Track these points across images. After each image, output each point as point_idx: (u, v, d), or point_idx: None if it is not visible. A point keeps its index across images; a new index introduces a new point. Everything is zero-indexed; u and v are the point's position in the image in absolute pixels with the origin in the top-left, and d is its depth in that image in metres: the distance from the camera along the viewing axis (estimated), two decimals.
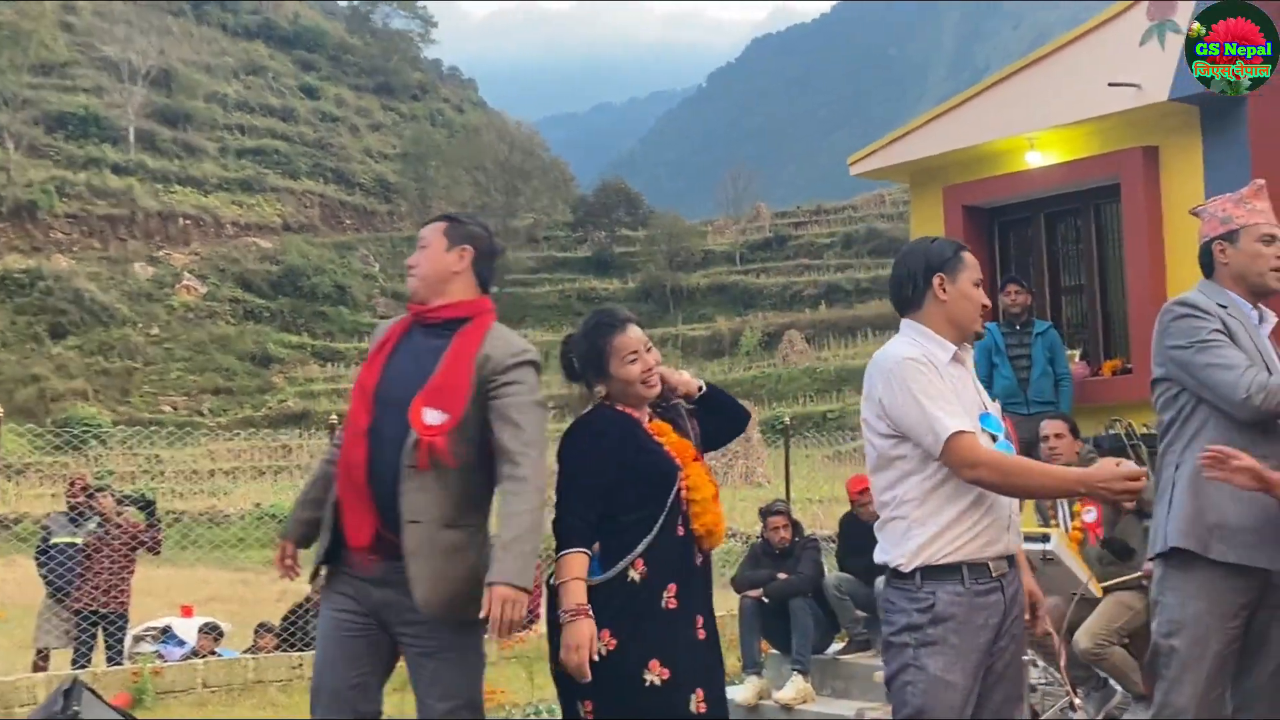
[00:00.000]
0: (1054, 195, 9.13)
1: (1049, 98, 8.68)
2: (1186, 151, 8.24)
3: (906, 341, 3.39)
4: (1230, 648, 3.54)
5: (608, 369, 3.53)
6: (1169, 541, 3.59)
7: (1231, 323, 3.60)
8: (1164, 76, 8.02)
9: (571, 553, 3.35)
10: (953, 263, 3.40)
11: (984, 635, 3.26)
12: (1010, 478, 3.23)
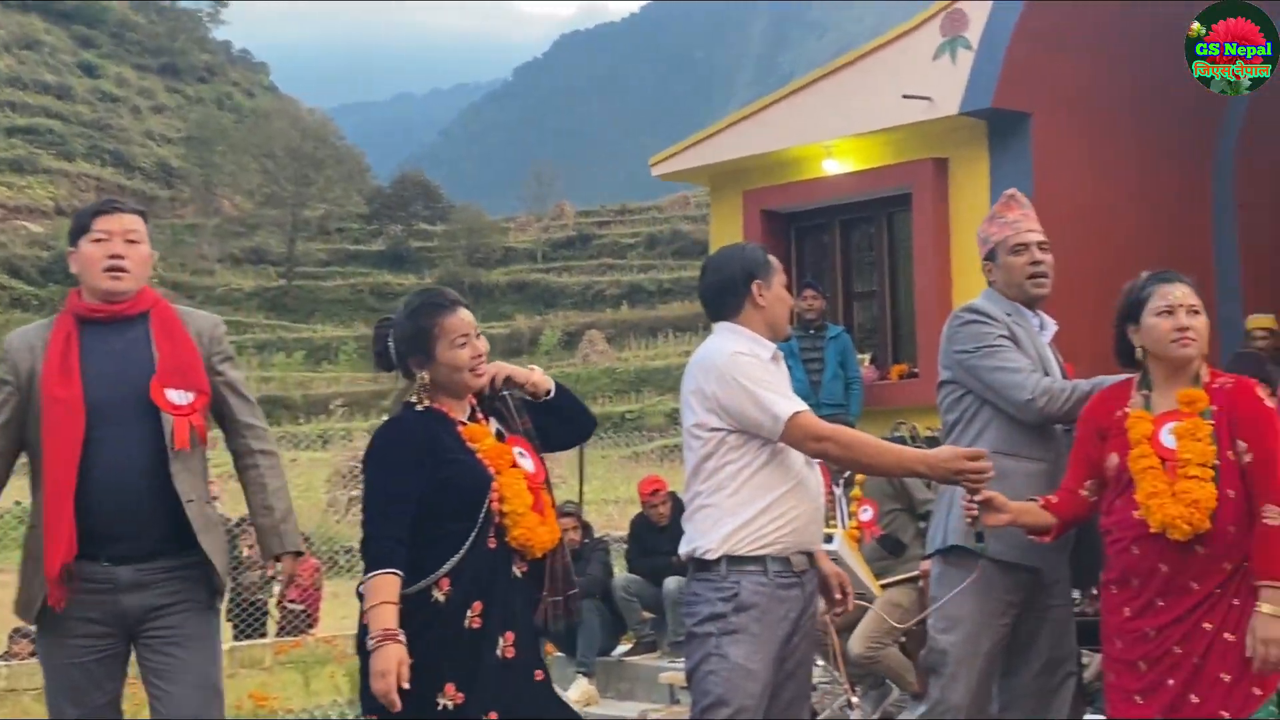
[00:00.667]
0: (850, 203, 9.49)
1: (846, 107, 9.02)
2: (974, 164, 8.68)
3: (732, 339, 3.53)
4: (999, 646, 3.74)
5: (433, 353, 3.33)
6: (949, 539, 3.78)
7: (1017, 330, 3.81)
8: (955, 91, 8.43)
9: (381, 574, 3.19)
10: (767, 268, 3.57)
11: (783, 628, 3.39)
12: (853, 450, 3.41)
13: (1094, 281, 8.45)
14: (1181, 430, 3.33)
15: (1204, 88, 9.86)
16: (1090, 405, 3.57)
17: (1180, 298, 3.42)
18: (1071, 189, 8.58)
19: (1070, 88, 8.61)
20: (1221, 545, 3.27)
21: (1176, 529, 3.24)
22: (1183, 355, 3.39)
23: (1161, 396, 3.44)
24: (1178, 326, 3.38)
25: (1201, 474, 3.27)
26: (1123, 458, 3.38)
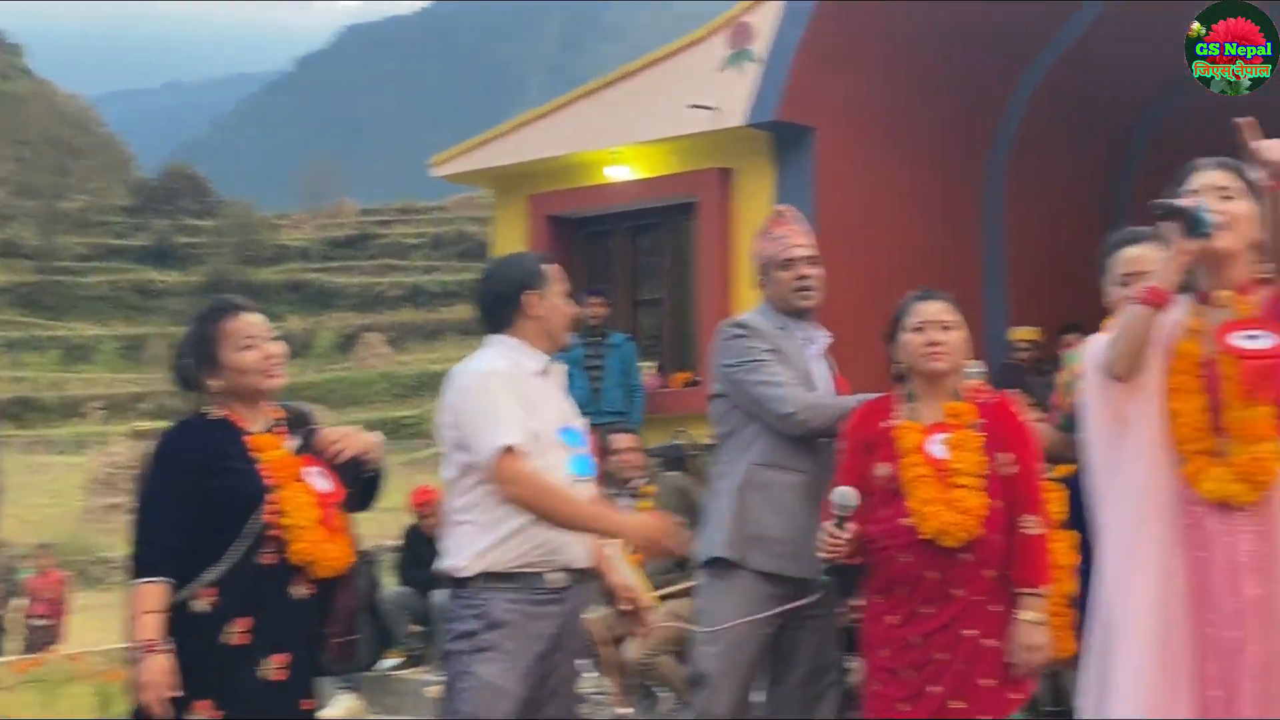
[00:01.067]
0: (637, 210, 9.59)
1: (633, 114, 9.12)
2: (759, 175, 8.89)
3: (494, 354, 3.52)
4: (761, 654, 3.85)
5: (219, 358, 3.32)
6: (711, 551, 3.88)
7: (783, 344, 3.92)
8: (741, 102, 8.62)
9: (148, 583, 3.16)
10: (541, 278, 3.57)
11: (539, 646, 3.38)
12: (542, 501, 3.34)
13: (873, 293, 8.76)
14: (954, 441, 3.48)
15: (979, 106, 10.45)
16: (854, 419, 3.68)
17: (933, 314, 3.57)
18: (852, 202, 8.88)
19: (853, 103, 8.90)
20: (986, 553, 3.42)
21: (949, 536, 3.37)
22: (933, 369, 3.54)
23: (926, 409, 3.57)
24: (929, 341, 3.53)
25: (972, 483, 3.42)
26: (893, 467, 3.49)
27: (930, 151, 9.61)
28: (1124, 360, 2.87)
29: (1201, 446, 2.83)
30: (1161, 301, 2.84)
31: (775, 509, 3.79)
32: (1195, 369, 2.86)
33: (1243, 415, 2.79)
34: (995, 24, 9.42)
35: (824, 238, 8.44)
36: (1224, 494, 2.79)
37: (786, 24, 8.56)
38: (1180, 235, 2.80)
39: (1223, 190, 2.90)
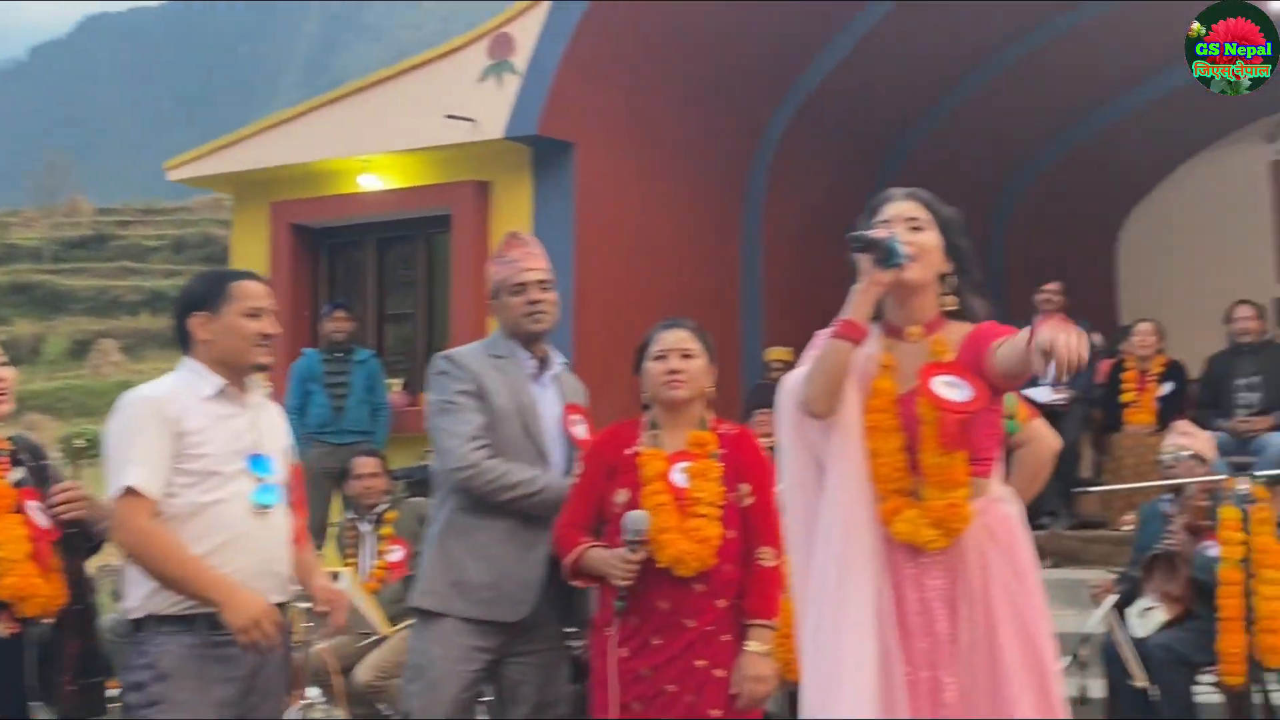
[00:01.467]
0: (387, 221, 9.36)
1: (387, 122, 8.91)
2: (517, 189, 8.81)
3: (168, 379, 3.39)
4: (467, 692, 3.79)
5: None
6: (413, 600, 3.89)
7: (497, 376, 3.83)
8: (500, 114, 8.53)
9: None
10: (215, 298, 3.39)
11: (225, 690, 3.21)
12: (144, 555, 3.17)
13: (633, 310, 8.81)
14: (694, 470, 3.52)
15: (740, 125, 10.60)
16: (599, 442, 3.71)
17: (673, 343, 3.61)
18: (613, 219, 8.89)
19: (615, 118, 8.92)
20: (719, 583, 3.47)
21: (684, 565, 3.40)
22: (671, 397, 3.58)
23: (670, 438, 3.60)
24: (668, 370, 3.57)
25: (710, 513, 3.47)
26: (633, 494, 3.51)
27: (692, 169, 9.71)
28: (822, 398, 2.86)
29: (898, 486, 2.87)
30: (858, 335, 2.86)
31: (476, 555, 3.74)
32: (892, 407, 2.89)
33: (939, 461, 2.83)
34: (758, 44, 9.60)
35: (583, 254, 8.54)
36: (915, 538, 2.83)
37: (548, 36, 8.51)
38: (872, 266, 2.83)
39: (912, 221, 2.94)
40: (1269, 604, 4.85)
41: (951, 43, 10.89)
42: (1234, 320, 8.47)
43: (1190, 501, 5.63)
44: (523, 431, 3.82)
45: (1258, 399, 8.24)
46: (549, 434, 3.86)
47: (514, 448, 3.80)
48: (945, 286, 2.96)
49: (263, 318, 3.41)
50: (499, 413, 3.80)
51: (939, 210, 2.99)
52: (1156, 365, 8.70)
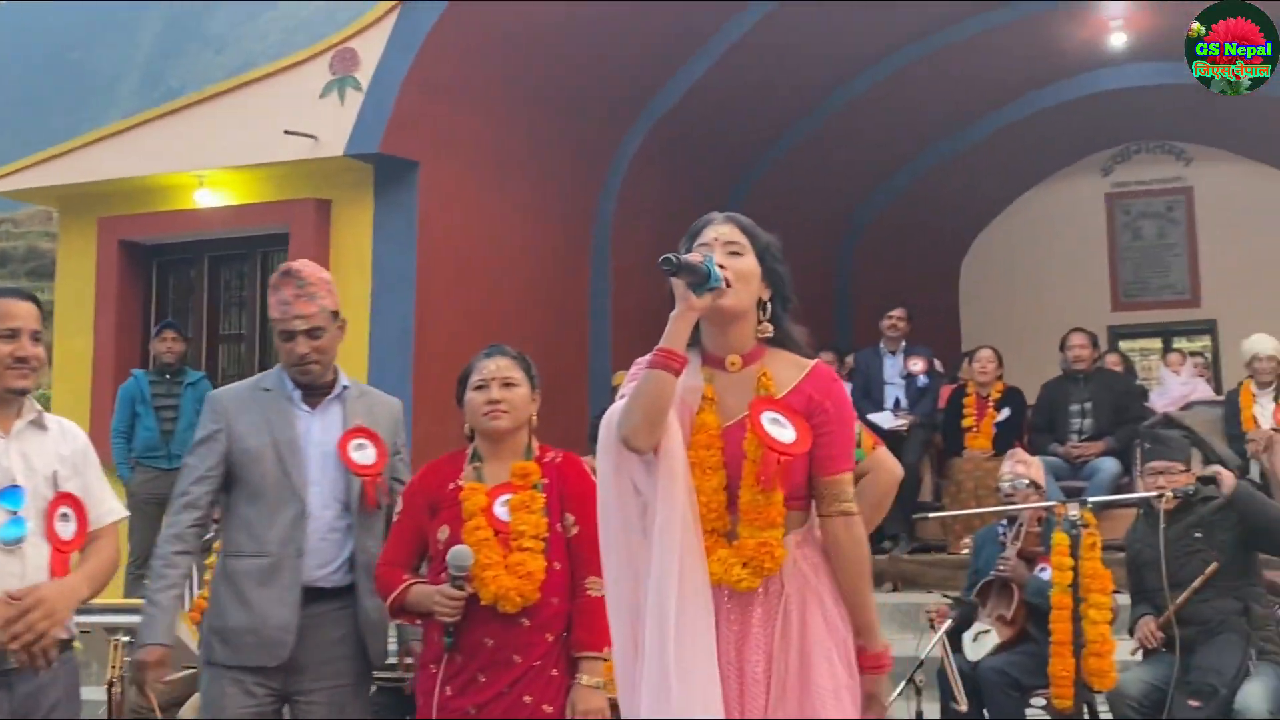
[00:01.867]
0: (222, 238, 9.15)
1: (226, 136, 8.72)
2: (358, 208, 8.69)
3: None
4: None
5: None
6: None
7: (251, 418, 3.73)
8: (341, 131, 8.41)
9: None
10: None
11: None
12: None
13: (478, 336, 8.71)
14: (516, 503, 3.49)
15: (590, 149, 10.64)
16: (419, 478, 3.65)
17: (494, 371, 3.57)
18: (458, 239, 8.82)
19: (461, 138, 8.86)
20: (545, 617, 3.44)
21: (508, 601, 3.36)
22: (492, 427, 3.55)
23: (493, 469, 3.57)
24: (488, 400, 3.54)
25: (534, 546, 3.44)
26: (454, 530, 3.47)
27: (542, 190, 9.70)
28: (643, 432, 2.73)
29: (714, 526, 2.79)
30: (677, 364, 2.73)
31: (237, 599, 3.68)
32: (716, 442, 2.81)
33: (755, 499, 2.76)
34: (610, 66, 9.65)
35: (425, 275, 8.46)
36: (726, 578, 2.75)
37: (393, 51, 8.43)
38: (688, 291, 2.73)
39: (731, 245, 2.86)
40: (1096, 628, 4.99)
41: (804, 70, 11.09)
42: (1068, 348, 8.76)
43: (1025, 528, 5.80)
44: (278, 469, 3.70)
45: (1089, 425, 8.54)
46: (312, 467, 3.74)
47: (269, 489, 3.69)
48: (763, 314, 2.89)
49: (19, 339, 3.27)
50: (250, 454, 3.70)
51: (757, 235, 2.91)
52: (995, 391, 8.95)
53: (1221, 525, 5.31)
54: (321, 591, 3.70)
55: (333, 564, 3.72)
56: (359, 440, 3.77)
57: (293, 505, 3.68)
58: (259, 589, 3.63)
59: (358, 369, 8.24)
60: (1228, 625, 5.13)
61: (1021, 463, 6.11)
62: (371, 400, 3.93)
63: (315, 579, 3.69)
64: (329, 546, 3.71)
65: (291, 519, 3.67)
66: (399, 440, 3.93)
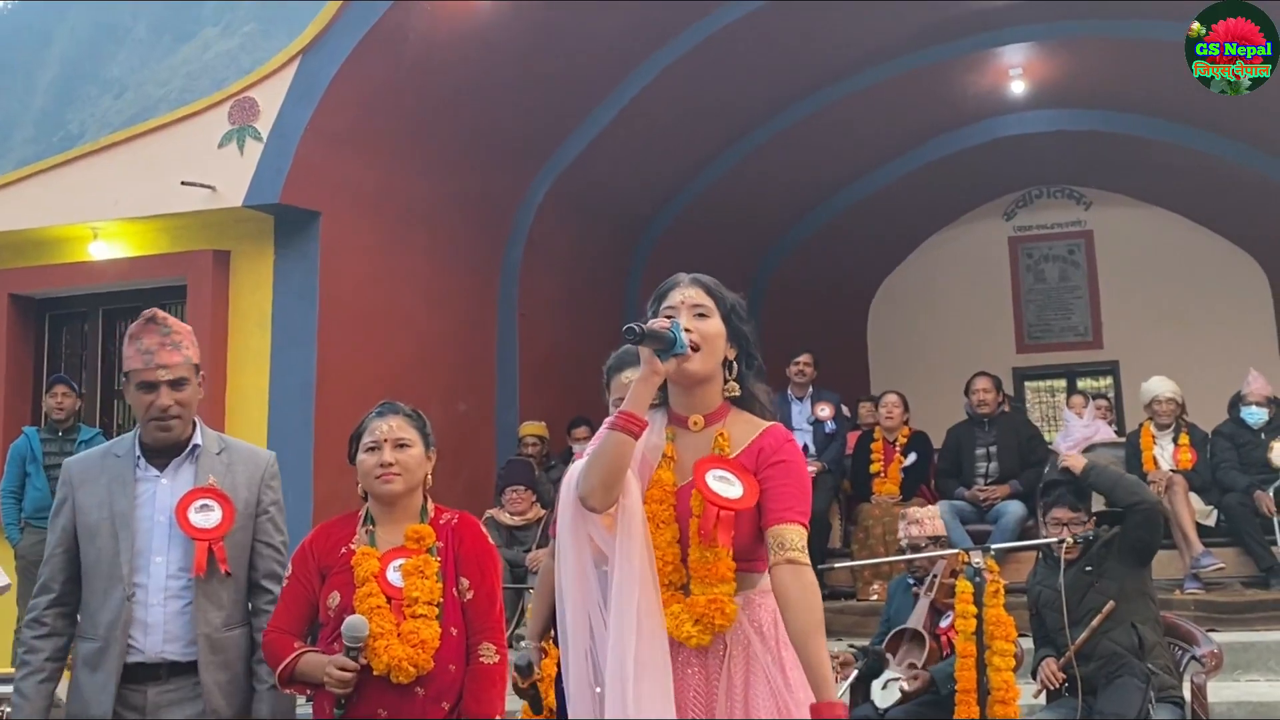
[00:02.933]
0: (117, 291, 9.00)
1: (120, 187, 8.60)
2: (258, 259, 8.59)
3: None
4: None
5: None
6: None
7: (94, 489, 3.60)
8: (241, 182, 8.32)
9: None
10: None
11: None
12: None
13: (383, 388, 8.64)
14: (409, 567, 3.40)
15: (495, 200, 10.66)
16: (312, 540, 3.55)
17: (386, 432, 3.50)
18: (361, 290, 8.77)
19: (364, 189, 8.82)
20: (441, 686, 3.36)
21: (402, 671, 3.28)
22: (385, 491, 3.47)
23: (387, 532, 3.49)
24: (381, 463, 3.46)
25: (428, 612, 3.36)
26: (345, 597, 3.39)
27: (446, 242, 9.68)
28: (599, 491, 2.79)
29: (669, 580, 2.84)
30: (637, 428, 2.79)
31: (75, 686, 3.56)
32: (669, 498, 2.87)
33: (703, 555, 2.81)
34: (514, 115, 9.68)
35: (327, 326, 8.39)
36: (677, 634, 2.79)
37: (293, 101, 8.37)
38: (652, 356, 2.80)
39: (698, 308, 2.93)
40: (1000, 675, 5.06)
41: (706, 120, 11.22)
42: (972, 392, 8.91)
43: (938, 578, 5.87)
44: (111, 545, 3.54)
45: (995, 468, 8.68)
46: (156, 536, 3.57)
47: (102, 566, 3.54)
48: (729, 373, 2.95)
49: None
50: (88, 529, 3.57)
51: (723, 296, 2.98)
52: (902, 436, 9.07)
53: (1107, 553, 5.44)
54: (174, 665, 3.52)
55: (183, 638, 3.53)
56: (201, 501, 3.58)
57: (119, 584, 3.51)
58: (90, 674, 3.49)
59: (257, 425, 8.14)
60: (1126, 666, 5.22)
61: (915, 523, 6.20)
62: (232, 456, 3.75)
63: (158, 655, 3.52)
64: (175, 620, 3.53)
65: (119, 599, 3.51)
66: (266, 498, 3.73)
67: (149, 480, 3.62)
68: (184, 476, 3.64)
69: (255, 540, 3.69)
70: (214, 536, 3.55)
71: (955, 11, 10.71)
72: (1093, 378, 15.03)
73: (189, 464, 3.66)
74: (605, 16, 9.34)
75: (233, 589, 3.61)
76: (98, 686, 3.48)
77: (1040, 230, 15.18)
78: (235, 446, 3.79)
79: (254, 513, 3.69)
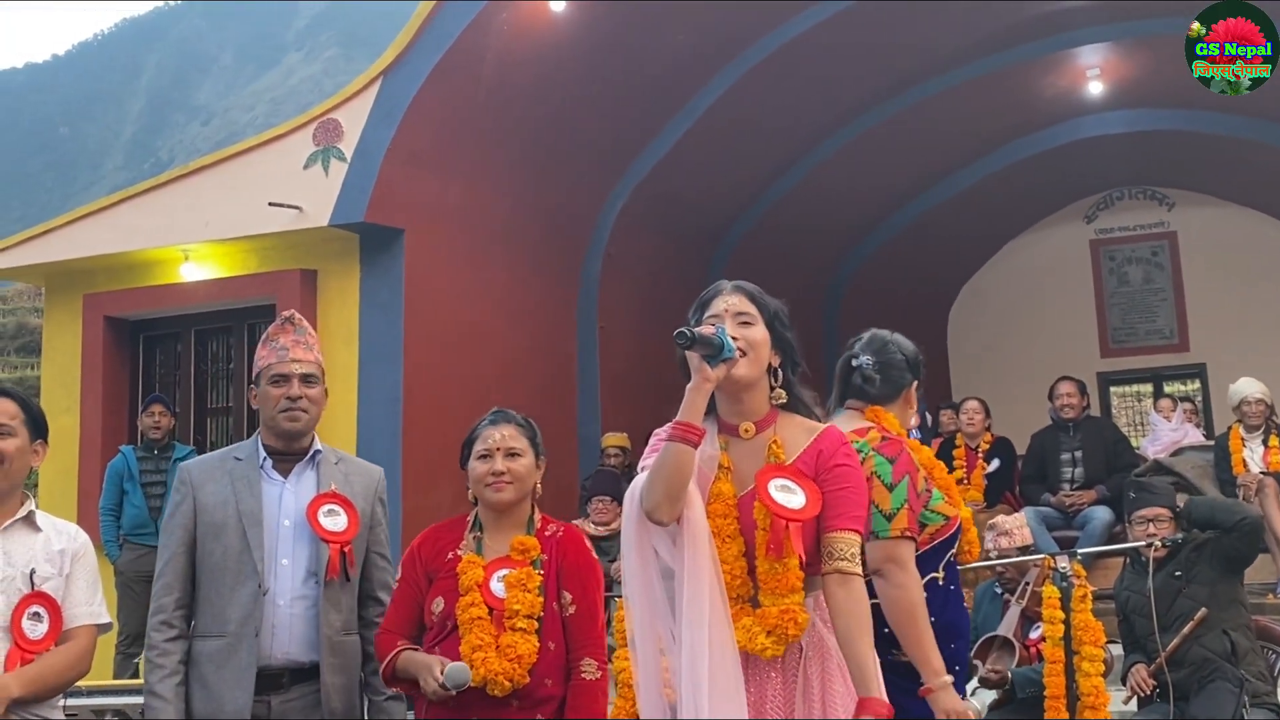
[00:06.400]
0: (207, 312, 9.18)
1: (209, 210, 8.78)
2: (344, 277, 8.72)
3: None
4: None
5: None
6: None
7: (218, 489, 3.62)
8: (326, 202, 8.46)
9: None
10: None
11: None
12: None
13: (465, 402, 8.76)
14: (512, 580, 3.38)
15: (573, 213, 10.72)
16: (420, 543, 3.55)
17: (499, 440, 3.48)
18: (444, 305, 8.86)
19: (445, 206, 8.92)
20: (537, 699, 3.34)
21: (497, 685, 3.27)
22: (496, 500, 3.46)
23: (494, 540, 3.48)
24: (492, 471, 3.44)
25: (528, 626, 3.33)
26: (449, 603, 3.38)
27: (526, 256, 9.76)
28: (665, 505, 2.76)
29: (738, 593, 2.82)
30: (695, 436, 2.77)
31: (199, 683, 3.58)
32: (731, 511, 2.86)
33: (771, 567, 2.80)
34: (592, 129, 9.75)
35: (412, 342, 8.49)
36: (751, 647, 2.77)
37: (375, 123, 8.50)
38: (702, 363, 2.78)
39: (741, 316, 2.92)
40: (1090, 680, 5.00)
41: (783, 127, 11.20)
42: (1056, 397, 8.80)
43: (1030, 586, 5.80)
44: (240, 543, 3.56)
45: (1081, 473, 8.55)
46: (283, 538, 3.61)
47: (230, 564, 3.56)
48: (774, 379, 2.94)
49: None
50: (213, 527, 3.58)
51: (765, 303, 2.98)
52: (984, 442, 8.97)
53: (1198, 559, 5.35)
54: (295, 672, 3.56)
55: (307, 640, 3.56)
56: (330, 505, 3.63)
57: (252, 581, 3.54)
58: (217, 671, 3.50)
59: (346, 440, 8.26)
60: (1219, 671, 5.13)
61: (1004, 534, 6.12)
62: (349, 467, 3.79)
63: (284, 657, 3.55)
64: (299, 622, 3.56)
65: (251, 595, 3.52)
66: (378, 511, 3.78)
67: (274, 483, 3.67)
68: (307, 482, 3.68)
69: (370, 551, 3.74)
70: (345, 540, 3.61)
71: (1030, 13, 10.61)
72: (1179, 381, 14.77)
73: (310, 470, 3.70)
74: (678, 29, 9.37)
75: (350, 596, 3.66)
76: (230, 683, 3.48)
77: (1122, 232, 14.95)
78: (350, 459, 3.87)
79: (369, 523, 3.74)
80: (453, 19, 8.39)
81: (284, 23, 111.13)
